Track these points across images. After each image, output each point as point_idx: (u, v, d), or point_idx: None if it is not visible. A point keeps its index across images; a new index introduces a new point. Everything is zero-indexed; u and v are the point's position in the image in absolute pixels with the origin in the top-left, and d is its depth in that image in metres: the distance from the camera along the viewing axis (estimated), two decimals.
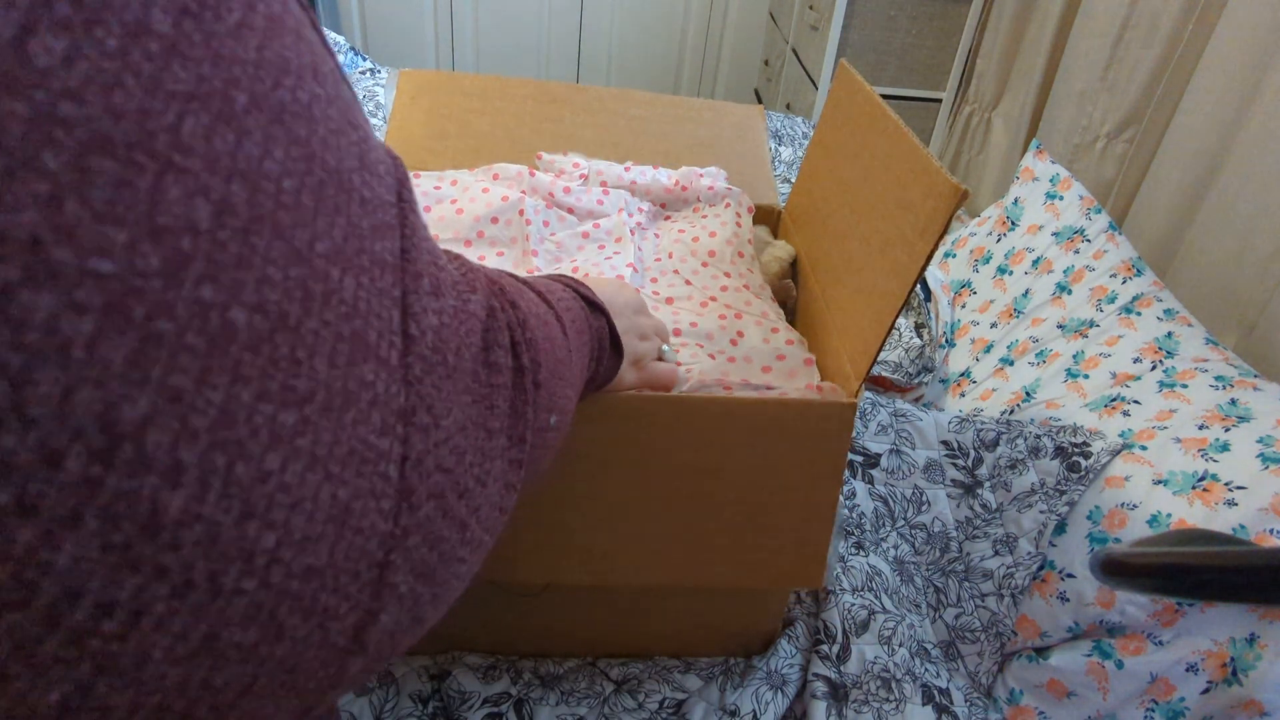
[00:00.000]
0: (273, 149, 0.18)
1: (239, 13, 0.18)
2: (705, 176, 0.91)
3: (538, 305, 0.37)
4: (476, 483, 0.26)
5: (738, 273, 0.82)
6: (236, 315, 0.17)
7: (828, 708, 0.71)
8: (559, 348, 0.37)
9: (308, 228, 0.19)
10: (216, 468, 0.17)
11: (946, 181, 0.54)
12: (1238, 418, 0.77)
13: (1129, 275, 1.03)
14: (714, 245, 0.84)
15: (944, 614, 0.84)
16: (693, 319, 0.75)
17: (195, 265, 0.16)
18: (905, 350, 1.11)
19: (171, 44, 0.16)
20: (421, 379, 0.23)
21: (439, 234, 0.81)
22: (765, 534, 0.64)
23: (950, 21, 1.93)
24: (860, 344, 0.64)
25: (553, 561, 0.64)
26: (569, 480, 0.61)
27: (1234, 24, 1.10)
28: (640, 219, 0.86)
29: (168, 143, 0.16)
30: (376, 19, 2.56)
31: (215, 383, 0.17)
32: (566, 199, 0.84)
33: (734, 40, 2.78)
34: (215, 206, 0.17)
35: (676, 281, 0.80)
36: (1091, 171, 1.40)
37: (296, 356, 0.18)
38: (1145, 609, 0.71)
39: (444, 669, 0.72)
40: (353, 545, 0.20)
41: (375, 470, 0.21)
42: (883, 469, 0.88)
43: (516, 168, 0.85)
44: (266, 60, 0.18)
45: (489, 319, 0.29)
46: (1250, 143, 1.05)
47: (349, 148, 0.21)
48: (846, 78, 0.80)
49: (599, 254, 0.79)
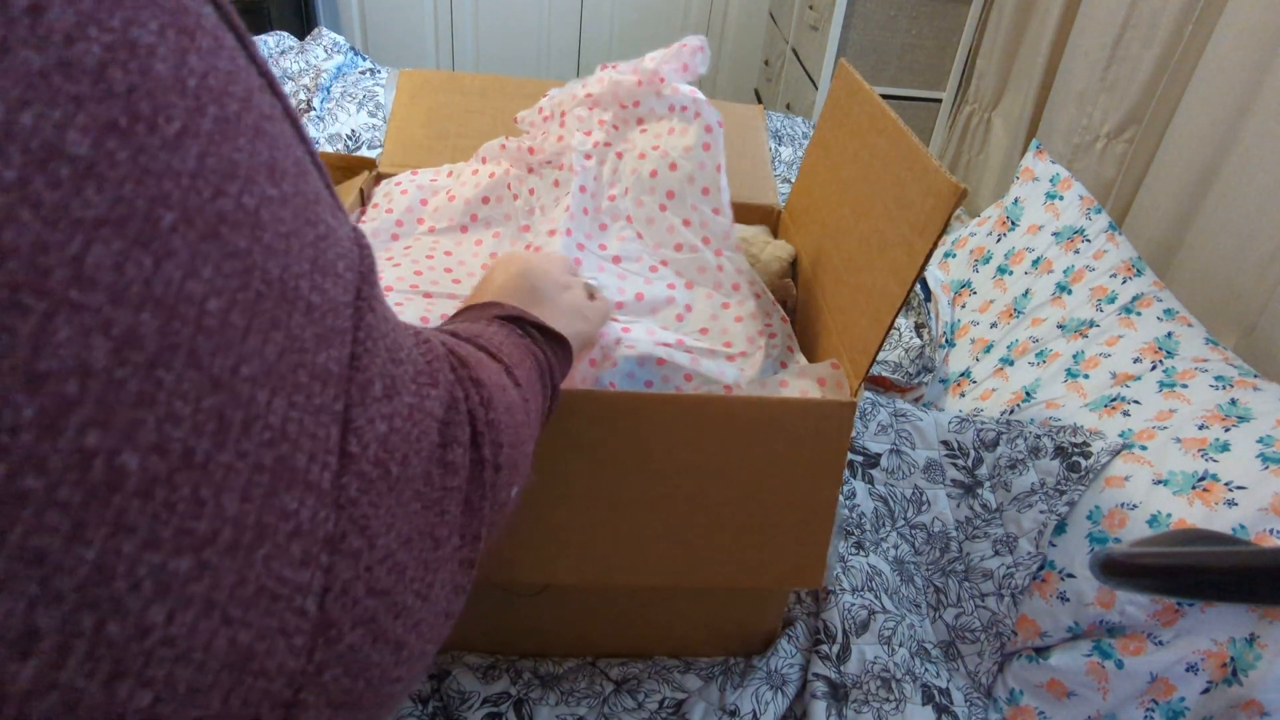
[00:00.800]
0: (200, 267, 0.17)
1: (180, 121, 0.17)
2: (655, 60, 0.83)
3: (497, 374, 0.36)
4: (417, 598, 0.25)
5: (699, 219, 0.77)
6: (127, 460, 0.16)
7: (828, 708, 0.70)
8: (519, 413, 0.36)
9: (232, 351, 0.18)
10: (82, 630, 0.15)
11: (946, 181, 0.54)
12: (1238, 418, 0.77)
13: (1129, 275, 1.03)
14: (674, 182, 0.78)
15: (944, 614, 0.84)
16: (638, 289, 0.72)
17: (81, 411, 0.15)
18: (905, 350, 1.11)
19: (88, 166, 0.15)
20: (357, 499, 0.22)
21: (435, 225, 0.81)
22: (765, 534, 0.64)
23: (950, 21, 1.93)
24: (860, 343, 0.64)
25: (551, 562, 0.64)
26: (567, 480, 0.61)
27: (1234, 24, 1.10)
28: (599, 136, 0.80)
29: (65, 278, 0.15)
30: (376, 19, 2.56)
31: (90, 538, 0.15)
32: (536, 157, 0.83)
33: (734, 40, 2.79)
34: (116, 343, 0.15)
35: (628, 233, 0.77)
36: (1091, 171, 1.40)
37: (199, 496, 0.17)
38: (1145, 609, 0.71)
39: (443, 669, 0.72)
40: (253, 690, 0.19)
41: (289, 606, 0.20)
42: (883, 469, 0.88)
43: (496, 141, 0.85)
44: (208, 168, 0.17)
45: (449, 412, 0.28)
46: (1250, 143, 1.05)
47: (302, 250, 0.20)
48: (846, 77, 0.80)
49: (565, 214, 0.75)
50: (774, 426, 0.60)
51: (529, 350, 0.44)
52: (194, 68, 0.18)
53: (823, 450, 0.62)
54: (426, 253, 0.78)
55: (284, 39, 1.73)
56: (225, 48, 0.19)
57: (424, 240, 0.80)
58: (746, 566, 0.65)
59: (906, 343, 1.12)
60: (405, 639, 0.24)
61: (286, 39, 1.73)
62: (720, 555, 0.65)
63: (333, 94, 1.55)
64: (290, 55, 1.67)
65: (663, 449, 0.60)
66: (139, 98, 0.16)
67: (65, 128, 0.15)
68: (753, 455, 0.61)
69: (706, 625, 0.75)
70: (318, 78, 1.57)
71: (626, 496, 0.62)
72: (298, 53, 1.68)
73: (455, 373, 0.31)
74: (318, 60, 1.65)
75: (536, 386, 0.43)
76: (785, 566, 0.66)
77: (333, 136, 1.45)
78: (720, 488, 0.62)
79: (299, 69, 1.62)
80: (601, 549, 0.64)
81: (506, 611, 0.72)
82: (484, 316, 0.45)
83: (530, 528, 0.62)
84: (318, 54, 1.67)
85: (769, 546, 0.65)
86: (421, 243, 0.79)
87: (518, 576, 0.65)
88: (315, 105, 1.50)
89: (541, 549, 0.63)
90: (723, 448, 0.61)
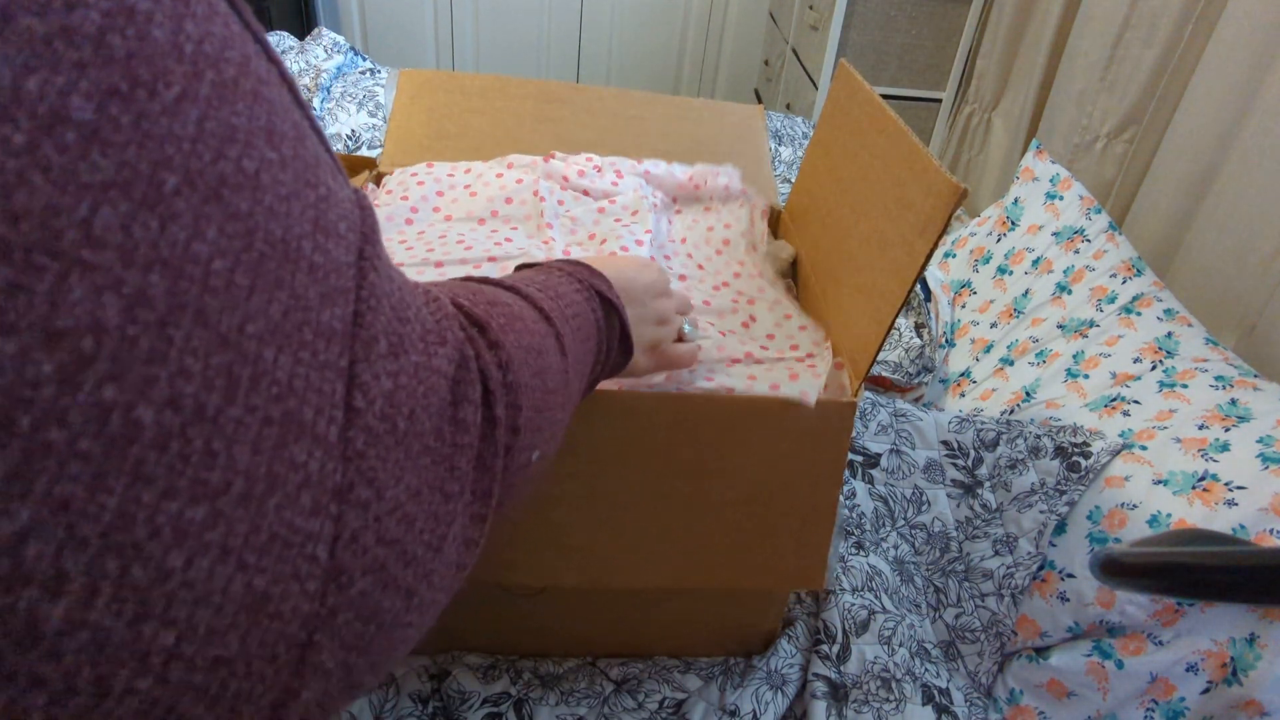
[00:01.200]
0: (204, 229, 0.18)
1: (179, 85, 0.17)
2: (721, 175, 0.90)
3: (531, 334, 0.36)
4: (427, 549, 0.25)
5: (751, 262, 0.82)
6: (142, 414, 0.16)
7: (828, 708, 0.71)
8: (552, 376, 0.36)
9: (238, 309, 0.18)
10: (107, 573, 0.16)
11: (946, 181, 0.54)
12: (1238, 418, 0.77)
13: (1129, 275, 1.03)
14: (728, 235, 0.84)
15: (944, 614, 0.84)
16: (705, 297, 0.75)
17: (98, 366, 0.15)
18: (905, 350, 1.11)
19: (93, 131, 0.15)
20: (364, 452, 0.22)
21: (452, 214, 0.80)
22: (765, 534, 0.64)
23: (950, 21, 1.93)
24: (860, 343, 0.64)
25: (550, 564, 0.64)
26: (566, 481, 0.61)
27: (1234, 24, 1.10)
28: (655, 202, 0.85)
29: (76, 239, 0.15)
30: (376, 19, 2.56)
31: (111, 487, 0.16)
32: (581, 182, 0.84)
33: (734, 40, 2.78)
34: (127, 301, 0.16)
35: (689, 265, 0.80)
36: (1091, 171, 1.40)
37: (212, 448, 0.18)
38: (1145, 609, 0.71)
39: (444, 669, 0.72)
40: (269, 630, 0.20)
41: (301, 553, 0.20)
42: (883, 469, 0.88)
43: (530, 157, 0.86)
44: (208, 133, 0.18)
45: (459, 371, 0.28)
46: (1250, 143, 1.05)
47: (303, 212, 0.21)
48: (846, 77, 0.80)
49: (616, 225, 0.79)
50: (774, 427, 0.60)
51: (593, 314, 0.44)
52: (190, 33, 0.18)
53: (823, 450, 0.62)
54: (440, 234, 0.76)
55: (284, 39, 1.73)
56: (219, 14, 0.20)
57: (439, 225, 0.79)
58: (747, 568, 0.65)
59: (906, 343, 1.12)
60: (415, 587, 0.25)
61: (286, 39, 1.73)
62: (720, 556, 0.65)
63: (333, 94, 1.55)
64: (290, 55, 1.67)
65: (662, 448, 0.60)
66: (138, 63, 0.16)
67: (69, 93, 0.15)
68: (753, 455, 0.61)
69: (707, 625, 0.75)
70: (318, 78, 1.57)
71: (625, 497, 0.62)
72: (298, 53, 1.68)
73: (465, 331, 0.31)
74: (318, 60, 1.65)
75: (588, 349, 0.43)
76: (786, 567, 0.66)
77: (333, 137, 1.45)
78: (721, 488, 0.62)
79: (299, 69, 1.62)
80: (600, 551, 0.64)
81: (507, 611, 0.72)
82: (575, 280, 0.44)
83: (527, 529, 0.62)
84: (318, 54, 1.67)
85: (770, 547, 0.65)
86: (436, 227, 0.78)
87: (514, 579, 0.65)
88: (315, 105, 1.50)
89: (539, 551, 0.63)
90: (723, 447, 0.61)
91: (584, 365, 0.43)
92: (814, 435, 0.61)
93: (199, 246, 0.17)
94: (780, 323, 0.74)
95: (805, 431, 0.61)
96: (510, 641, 0.74)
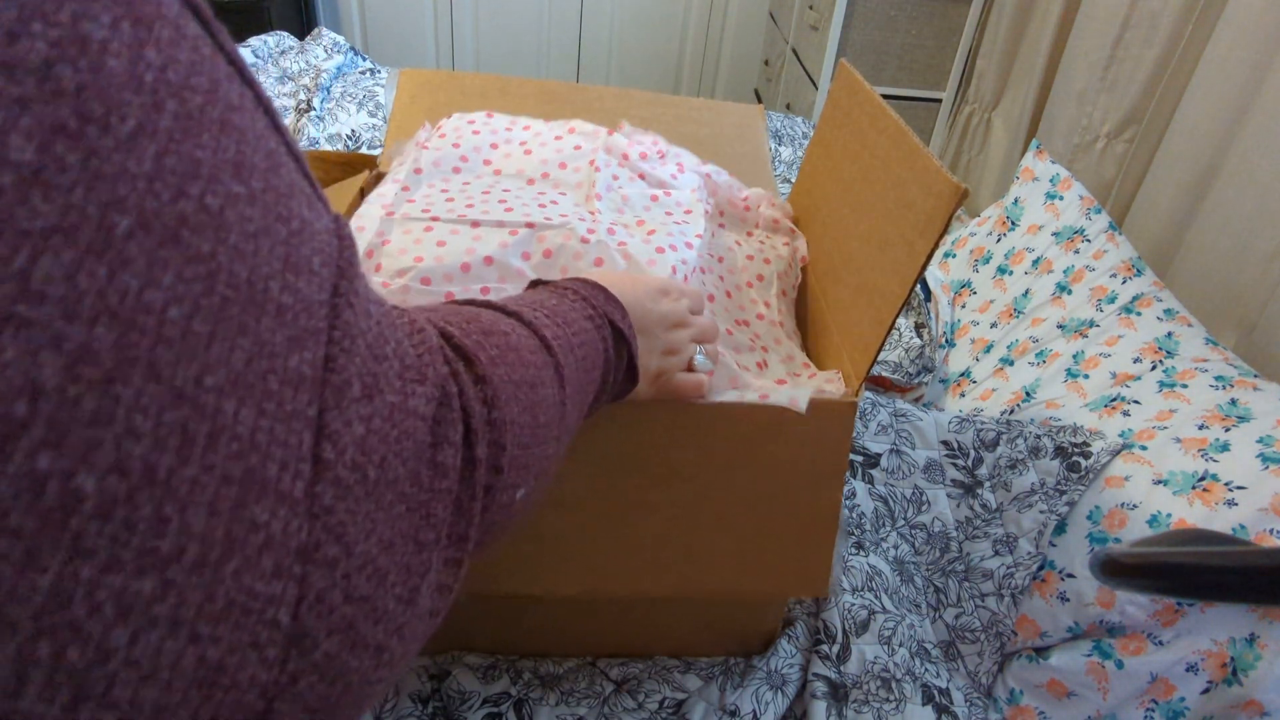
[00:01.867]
0: (159, 275, 0.16)
1: (135, 119, 0.16)
2: (775, 209, 0.89)
3: (526, 365, 0.34)
4: (400, 602, 0.24)
5: (778, 308, 0.80)
6: (83, 482, 0.15)
7: (828, 708, 0.71)
8: (545, 410, 0.35)
9: (196, 360, 0.17)
10: (39, 659, 0.15)
11: (947, 181, 0.54)
12: (1238, 418, 0.77)
13: (1129, 275, 1.03)
14: (764, 271, 0.82)
15: (944, 614, 0.84)
16: (727, 326, 0.73)
17: (32, 433, 0.14)
18: (905, 350, 1.11)
19: (34, 173, 0.14)
20: (332, 507, 0.21)
21: (502, 169, 0.77)
22: (768, 540, 0.64)
23: (950, 21, 1.93)
24: (860, 343, 0.64)
25: (547, 573, 0.63)
26: (564, 488, 0.60)
27: (1234, 24, 1.10)
28: (708, 207, 0.83)
29: (10, 293, 0.14)
30: (376, 19, 2.56)
31: (45, 564, 0.15)
32: (641, 164, 0.81)
33: (734, 40, 2.78)
34: (68, 358, 0.15)
35: (720, 287, 0.78)
36: (1091, 171, 1.40)
37: (163, 514, 0.16)
38: (1145, 609, 0.71)
39: (444, 669, 0.72)
40: (224, 703, 0.18)
41: (260, 620, 0.19)
42: (883, 469, 0.88)
43: (594, 126, 0.83)
44: (167, 169, 0.17)
45: (439, 410, 0.27)
46: (1250, 143, 1.05)
47: (272, 249, 0.20)
48: (847, 77, 0.80)
49: (667, 220, 0.76)
50: (774, 428, 0.60)
51: (600, 344, 0.42)
52: (151, 61, 0.17)
53: (824, 452, 0.61)
54: (484, 189, 0.73)
55: (284, 39, 1.73)
56: (188, 37, 0.18)
57: (486, 178, 0.76)
58: (750, 574, 0.65)
59: (906, 343, 1.12)
60: (386, 643, 0.24)
61: (286, 39, 1.73)
62: (722, 563, 0.64)
63: (333, 94, 1.55)
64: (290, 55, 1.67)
65: (660, 453, 0.60)
66: (90, 97, 0.15)
67: (7, 132, 0.14)
68: (753, 458, 0.61)
69: (706, 625, 0.75)
70: (318, 78, 1.57)
71: (624, 503, 0.61)
72: (298, 53, 1.68)
73: (450, 365, 0.29)
74: (318, 60, 1.65)
75: (591, 379, 0.42)
76: (790, 573, 0.65)
77: (333, 136, 1.45)
78: (721, 492, 0.62)
79: (299, 69, 1.62)
80: (599, 558, 0.63)
81: (507, 612, 0.72)
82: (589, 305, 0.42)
83: (523, 538, 0.61)
84: (318, 54, 1.67)
85: (773, 553, 0.64)
86: (483, 180, 0.75)
87: (510, 589, 0.63)
88: (315, 105, 1.50)
89: (536, 560, 0.62)
90: (722, 452, 0.61)
91: (585, 395, 0.41)
92: (815, 437, 0.61)
93: (153, 294, 0.16)
94: (797, 372, 0.73)
95: (805, 433, 0.60)
96: (510, 641, 0.74)
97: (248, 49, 1.64)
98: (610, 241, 0.66)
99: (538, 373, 0.35)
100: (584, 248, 0.65)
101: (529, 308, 0.39)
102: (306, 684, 0.21)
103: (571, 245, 0.65)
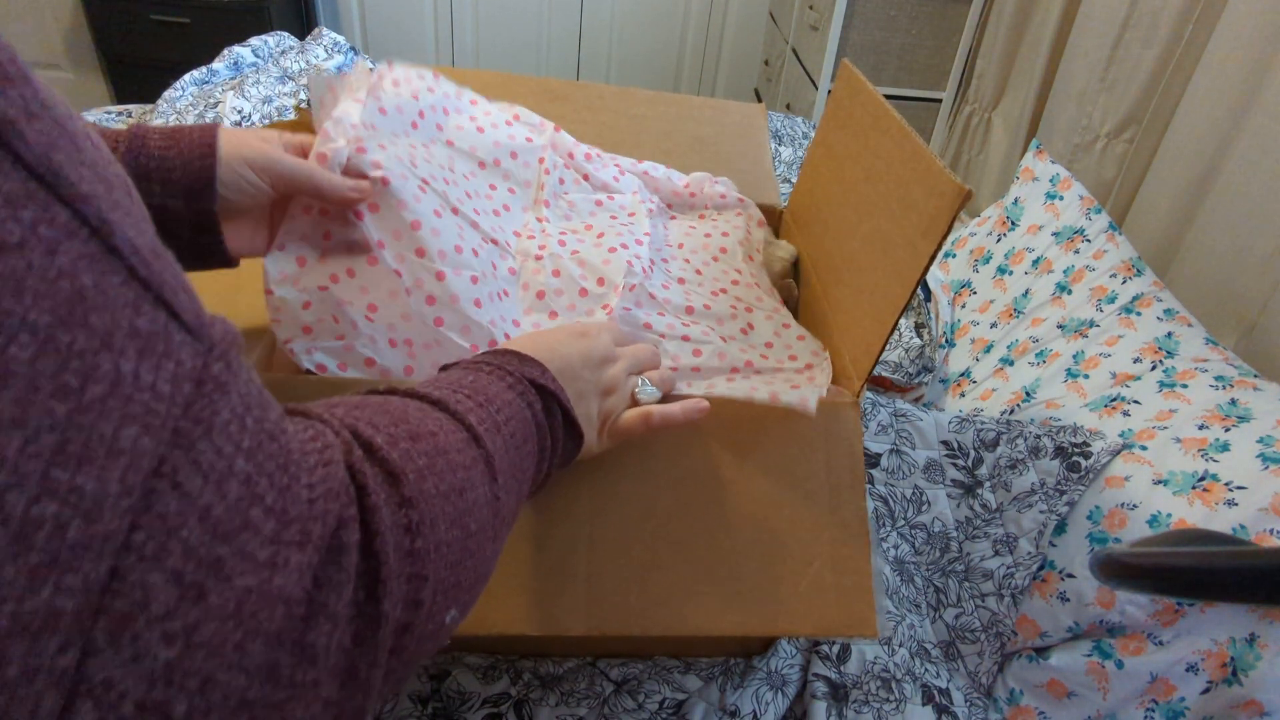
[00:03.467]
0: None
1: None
2: (718, 184, 0.91)
3: (455, 469, 0.31)
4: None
5: (749, 272, 0.82)
6: None
7: (828, 708, 0.71)
8: (476, 515, 0.32)
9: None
10: None
11: (950, 182, 0.54)
12: (1238, 418, 0.77)
13: (1129, 275, 1.03)
14: (725, 243, 0.84)
15: (944, 614, 0.84)
16: (705, 301, 0.75)
17: None
18: (905, 350, 1.11)
19: None
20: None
21: (454, 140, 0.75)
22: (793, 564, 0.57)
23: (950, 21, 1.93)
24: (862, 344, 0.64)
25: (554, 612, 0.56)
26: (567, 520, 0.56)
27: (1234, 24, 1.10)
28: (651, 206, 0.85)
29: None
30: (376, 18, 2.56)
31: None
32: (585, 165, 0.84)
33: (734, 40, 2.79)
34: None
35: (688, 269, 0.80)
36: (1091, 171, 1.40)
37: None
38: (1145, 609, 0.71)
39: (443, 669, 0.72)
40: None
41: None
42: (883, 469, 0.88)
43: (538, 118, 0.84)
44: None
45: (326, 569, 0.23)
46: (1250, 143, 1.05)
47: (25, 445, 0.16)
48: (849, 77, 0.80)
49: (613, 224, 0.79)
50: (775, 429, 0.60)
51: (528, 420, 0.39)
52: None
53: (834, 453, 0.61)
54: (445, 162, 0.71)
55: (284, 39, 1.73)
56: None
57: (441, 149, 0.74)
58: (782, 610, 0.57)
59: (906, 343, 1.12)
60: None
61: (286, 39, 1.73)
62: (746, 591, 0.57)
63: None
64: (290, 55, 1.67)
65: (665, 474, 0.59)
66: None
67: None
68: (761, 464, 0.60)
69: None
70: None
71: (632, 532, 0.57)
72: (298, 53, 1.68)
73: (364, 497, 0.26)
74: (318, 60, 1.65)
75: (527, 464, 0.39)
76: (827, 607, 0.56)
77: None
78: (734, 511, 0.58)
79: (299, 69, 1.62)
80: (607, 594, 0.56)
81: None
82: (506, 375, 0.40)
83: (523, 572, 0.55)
84: (318, 54, 1.67)
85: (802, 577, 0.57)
86: (439, 151, 0.73)
87: (516, 630, 0.54)
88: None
89: (537, 598, 0.55)
90: (729, 459, 0.60)
91: (522, 476, 0.39)
92: (819, 436, 0.61)
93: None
94: (779, 331, 0.74)
95: (808, 435, 0.60)
96: (510, 642, 0.74)
97: (248, 49, 1.64)
98: (563, 253, 0.73)
99: (467, 474, 0.32)
100: (539, 264, 0.71)
101: (451, 391, 0.37)
102: None
103: (529, 264, 0.72)
